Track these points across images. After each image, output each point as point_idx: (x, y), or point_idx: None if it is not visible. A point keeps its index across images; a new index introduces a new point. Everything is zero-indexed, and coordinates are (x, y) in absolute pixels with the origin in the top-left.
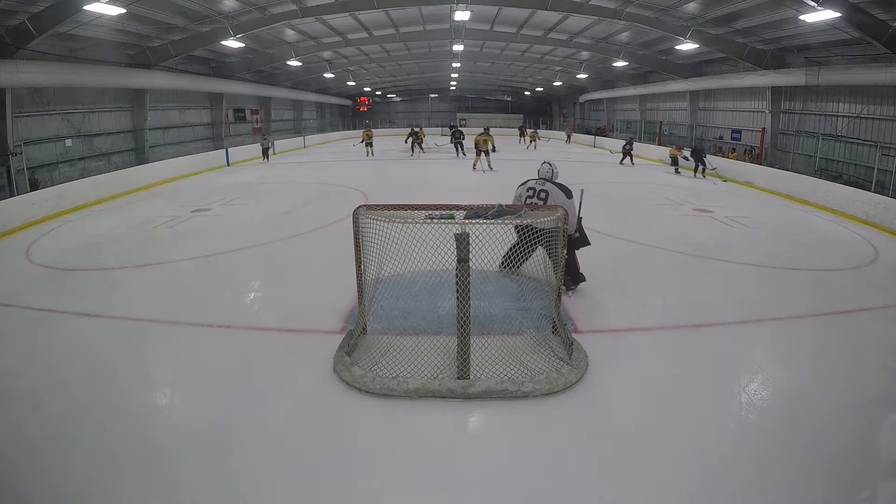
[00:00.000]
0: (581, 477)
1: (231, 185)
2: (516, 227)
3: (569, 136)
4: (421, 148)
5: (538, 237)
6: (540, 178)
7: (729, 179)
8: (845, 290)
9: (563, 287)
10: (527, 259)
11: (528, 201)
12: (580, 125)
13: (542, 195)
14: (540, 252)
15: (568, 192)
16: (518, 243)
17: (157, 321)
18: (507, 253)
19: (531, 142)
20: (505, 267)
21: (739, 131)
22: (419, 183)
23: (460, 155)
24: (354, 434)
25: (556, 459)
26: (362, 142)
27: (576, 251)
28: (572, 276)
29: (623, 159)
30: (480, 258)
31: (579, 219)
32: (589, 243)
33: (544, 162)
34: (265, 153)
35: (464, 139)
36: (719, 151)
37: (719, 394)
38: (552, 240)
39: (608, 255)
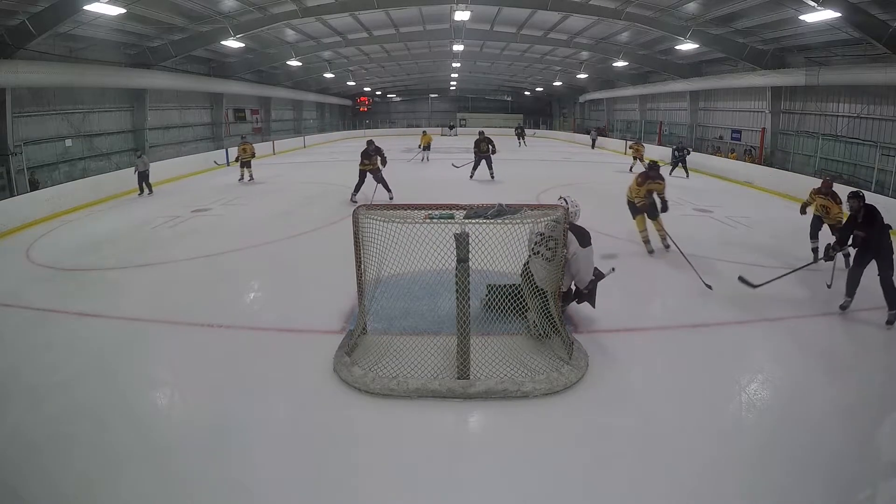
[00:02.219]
0: (581, 477)
1: (231, 185)
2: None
3: (594, 142)
4: (384, 183)
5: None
6: (554, 220)
7: None
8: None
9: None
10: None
11: (537, 249)
12: (579, 125)
13: (552, 244)
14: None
15: (586, 238)
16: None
17: (157, 321)
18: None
19: (635, 160)
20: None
21: (739, 131)
22: (419, 183)
23: (486, 175)
24: (354, 434)
25: (556, 459)
26: (237, 159)
27: (571, 303)
28: (553, 326)
29: (673, 170)
30: (480, 258)
31: (595, 279)
32: (594, 306)
33: (560, 197)
34: (141, 181)
35: (495, 151)
36: (718, 151)
37: (719, 394)
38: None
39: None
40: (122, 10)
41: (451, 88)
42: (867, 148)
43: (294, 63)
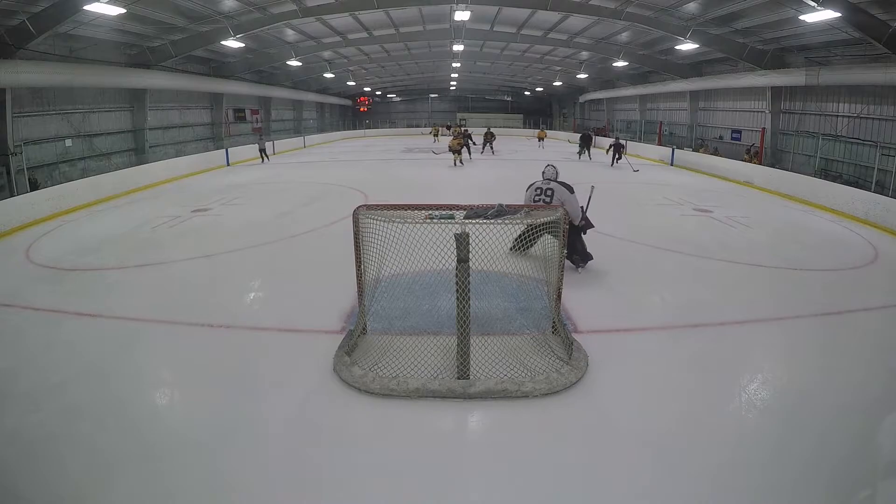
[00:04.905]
0: (581, 477)
1: (231, 185)
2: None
3: (619, 152)
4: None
5: (544, 226)
6: (545, 179)
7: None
8: (845, 290)
9: (575, 265)
10: (534, 243)
11: (537, 199)
12: (580, 125)
13: (549, 193)
14: (540, 248)
15: (570, 189)
16: (526, 231)
17: (157, 321)
18: (518, 238)
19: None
20: (515, 249)
21: (739, 131)
22: (419, 183)
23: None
24: (354, 434)
25: (556, 459)
26: None
27: (583, 235)
28: (581, 256)
29: (616, 160)
30: (480, 258)
31: (584, 208)
32: (593, 226)
33: (548, 164)
34: None
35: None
36: (716, 151)
37: (719, 394)
38: (557, 229)
39: (608, 255)
40: (122, 10)
41: (451, 88)
42: (867, 148)
43: (294, 63)
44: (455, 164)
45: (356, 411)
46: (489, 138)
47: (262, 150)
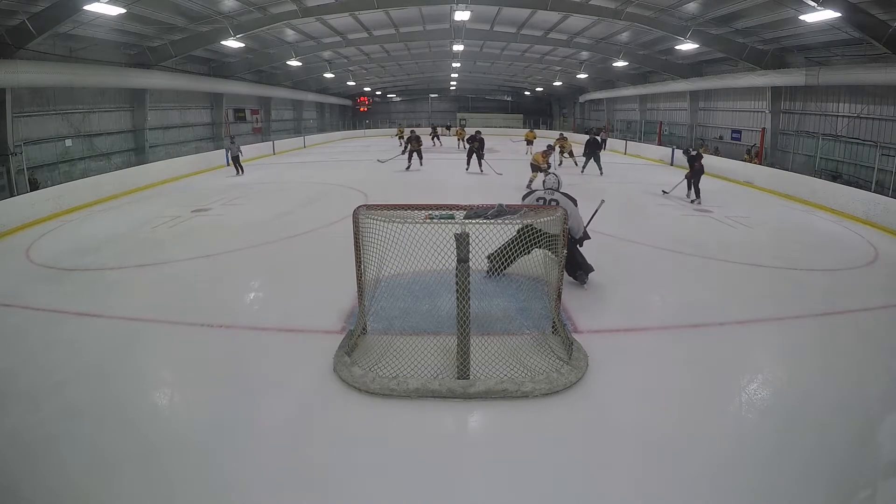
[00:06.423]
0: (581, 477)
1: (231, 185)
2: (520, 227)
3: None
4: None
5: (538, 239)
6: (548, 189)
7: None
8: (845, 290)
9: (580, 282)
10: (515, 261)
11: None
12: (580, 125)
13: (553, 204)
14: (539, 252)
15: (574, 201)
16: (514, 241)
17: (157, 321)
18: (498, 252)
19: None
20: (492, 271)
21: (739, 131)
22: (419, 183)
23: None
24: (354, 434)
25: (556, 459)
26: None
27: (579, 247)
28: (584, 269)
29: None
30: (480, 258)
31: (588, 221)
32: (589, 237)
33: (550, 173)
34: None
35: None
36: (716, 151)
37: (720, 394)
38: (553, 242)
39: (608, 255)
40: (122, 10)
41: (451, 88)
42: (867, 148)
43: (294, 63)
44: (530, 183)
45: (356, 411)
46: (472, 141)
47: (235, 159)
